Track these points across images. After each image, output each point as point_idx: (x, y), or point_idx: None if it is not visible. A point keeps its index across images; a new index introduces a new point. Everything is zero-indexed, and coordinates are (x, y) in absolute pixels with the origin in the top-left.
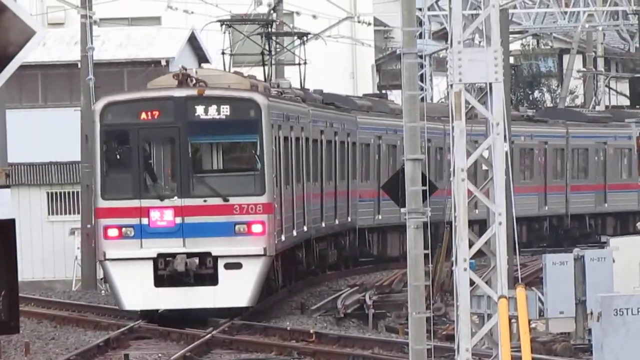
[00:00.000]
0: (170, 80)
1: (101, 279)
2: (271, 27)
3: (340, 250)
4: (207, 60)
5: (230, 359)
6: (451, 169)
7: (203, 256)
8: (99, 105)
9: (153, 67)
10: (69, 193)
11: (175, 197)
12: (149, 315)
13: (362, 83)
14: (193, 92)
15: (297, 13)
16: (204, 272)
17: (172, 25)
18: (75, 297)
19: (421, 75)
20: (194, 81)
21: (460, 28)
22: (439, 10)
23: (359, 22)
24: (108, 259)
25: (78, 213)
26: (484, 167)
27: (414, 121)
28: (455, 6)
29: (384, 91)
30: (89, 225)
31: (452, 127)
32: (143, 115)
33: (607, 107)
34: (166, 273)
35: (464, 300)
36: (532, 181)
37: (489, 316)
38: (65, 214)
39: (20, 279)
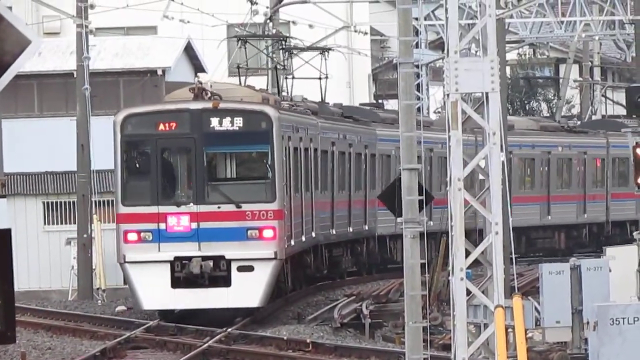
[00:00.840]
0: (186, 93)
1: (97, 288)
2: (286, 42)
3: (357, 257)
4: (203, 70)
5: None
6: (447, 179)
7: (217, 259)
8: (119, 117)
9: (149, 76)
10: (65, 203)
11: (191, 204)
12: (167, 315)
13: (359, 92)
14: (208, 104)
15: (294, 22)
16: (218, 274)
17: (168, 35)
18: (71, 307)
19: (417, 85)
20: (209, 94)
21: (457, 37)
22: (436, 20)
23: (355, 31)
24: (128, 262)
25: (74, 223)
26: (481, 177)
27: (410, 131)
28: (451, 16)
29: (380, 101)
30: (85, 235)
31: (449, 137)
32: (161, 127)
33: (603, 116)
34: (182, 275)
35: (460, 310)
36: (570, 190)
37: (486, 326)
38: (61, 223)
39: (16, 289)
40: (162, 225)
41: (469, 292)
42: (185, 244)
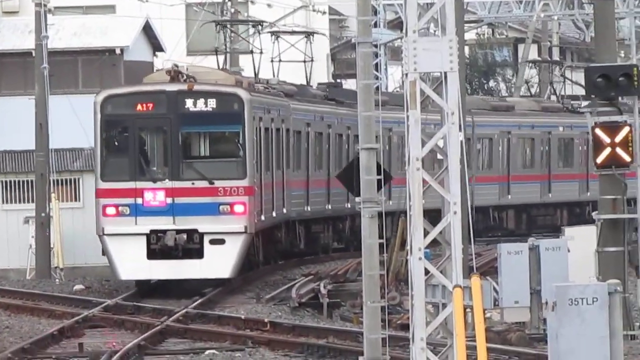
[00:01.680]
0: (163, 76)
1: (55, 267)
2: (262, 27)
3: (339, 234)
4: (161, 49)
5: (185, 348)
6: (405, 159)
7: (190, 233)
8: (99, 97)
9: (107, 55)
10: (23, 182)
11: (167, 180)
12: (143, 285)
13: (317, 72)
14: (183, 87)
15: (252, 2)
16: (191, 246)
17: (127, 14)
18: (29, 286)
19: (376, 65)
20: (185, 77)
21: (416, 17)
22: (394, 0)
23: (313, 10)
24: (106, 234)
25: (32, 202)
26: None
27: (369, 110)
28: None
29: (338, 80)
30: (43, 214)
31: (407, 117)
32: (139, 107)
33: (562, 96)
34: (158, 247)
35: (418, 290)
36: (572, 169)
37: (444, 305)
38: (20, 202)
39: None
40: (139, 200)
41: (427, 272)
42: (161, 218)
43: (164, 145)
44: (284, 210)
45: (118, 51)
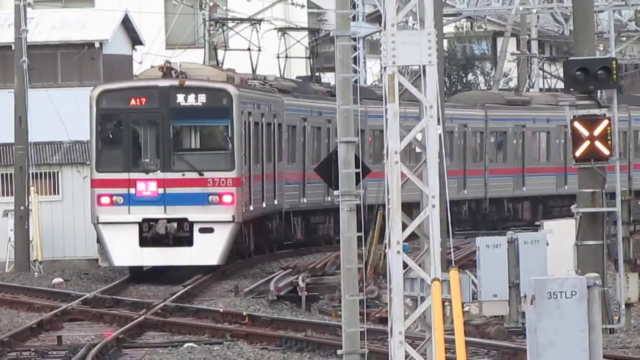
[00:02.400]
0: (156, 72)
1: (34, 260)
2: (260, 24)
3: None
4: (140, 43)
5: (163, 341)
6: (384, 152)
7: (181, 221)
8: (95, 92)
9: (87, 49)
10: (2, 175)
11: (159, 171)
12: (135, 272)
13: (296, 65)
14: (175, 82)
15: None
16: (181, 235)
17: (106, 8)
18: (8, 279)
19: (355, 58)
20: (177, 73)
21: (394, 10)
22: None
23: (292, 4)
24: (100, 223)
25: (11, 195)
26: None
27: (347, 104)
28: None
29: (317, 74)
30: (22, 207)
31: (385, 110)
32: (132, 102)
33: (541, 89)
34: (149, 235)
35: (397, 283)
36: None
37: (422, 299)
38: None
39: None
40: (132, 190)
41: (405, 265)
42: (153, 207)
43: (156, 138)
44: (275, 202)
45: (97, 45)
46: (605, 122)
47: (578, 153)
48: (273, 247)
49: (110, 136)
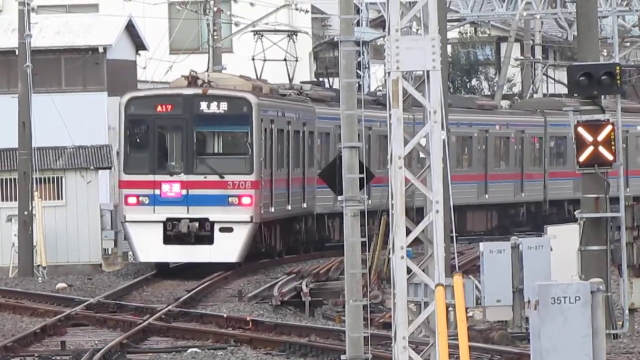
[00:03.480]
0: (183, 81)
1: (38, 265)
2: (296, 36)
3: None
4: (144, 47)
5: (167, 346)
6: (388, 157)
7: (202, 221)
8: (124, 99)
9: (90, 54)
10: (6, 180)
11: (182, 174)
12: (162, 268)
13: (300, 70)
14: (199, 91)
15: (235, 0)
16: (202, 233)
17: (110, 13)
18: (12, 284)
19: (359, 63)
20: (201, 82)
21: (398, 16)
22: None
23: (296, 9)
24: (127, 221)
25: (15, 200)
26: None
27: (352, 109)
28: None
29: (321, 79)
30: (26, 212)
31: (390, 115)
32: (159, 108)
33: (544, 95)
34: (173, 233)
35: (401, 288)
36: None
37: (426, 304)
38: (3, 200)
39: None
40: (157, 191)
41: (409, 271)
42: (176, 207)
43: (180, 143)
44: (304, 205)
45: (101, 50)
46: (609, 128)
47: (582, 158)
48: (309, 248)
49: (138, 140)
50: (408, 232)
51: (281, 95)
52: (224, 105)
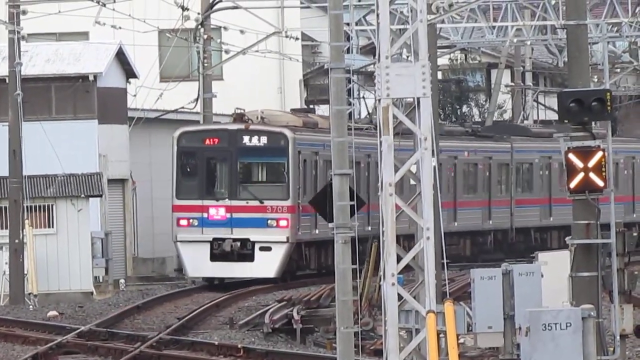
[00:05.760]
0: (229, 119)
1: (29, 293)
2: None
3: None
4: (134, 75)
5: None
6: (378, 184)
7: (244, 241)
8: (176, 134)
9: (81, 82)
10: None
11: (227, 199)
12: (210, 282)
13: (290, 98)
14: (242, 126)
15: (225, 28)
16: (244, 252)
17: (100, 41)
18: (2, 312)
19: (349, 90)
20: (246, 118)
21: (388, 43)
22: (367, 25)
23: (286, 37)
24: (179, 241)
25: (6, 228)
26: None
27: (342, 136)
28: (383, 21)
29: (311, 106)
30: (17, 240)
31: (380, 142)
32: (207, 141)
33: (535, 121)
34: (218, 252)
35: (392, 315)
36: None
37: (417, 331)
38: None
39: None
40: (205, 214)
41: (400, 298)
42: (222, 229)
43: (226, 172)
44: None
45: (91, 78)
46: (599, 154)
47: (572, 185)
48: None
49: (188, 169)
50: (399, 258)
51: (358, 129)
52: (263, 139)
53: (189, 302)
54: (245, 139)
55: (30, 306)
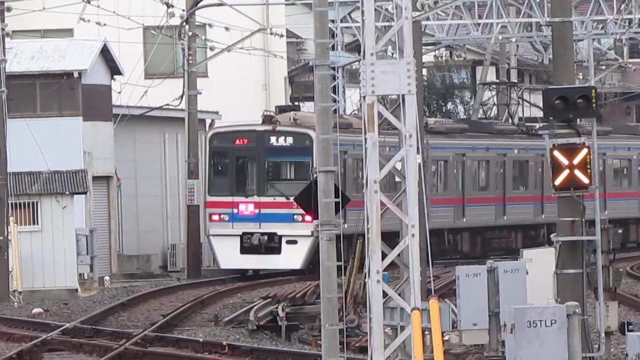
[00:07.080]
0: (259, 120)
1: (14, 290)
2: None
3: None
4: (119, 72)
5: None
6: (363, 181)
7: (272, 235)
8: (209, 134)
9: (65, 79)
10: None
11: (255, 196)
12: (241, 273)
13: (275, 95)
14: (269, 127)
15: (210, 25)
16: (272, 245)
17: (85, 38)
18: None
19: (334, 87)
20: (275, 120)
21: (373, 40)
22: (352, 22)
23: (271, 34)
24: (211, 235)
25: None
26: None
27: (327, 133)
28: (368, 18)
29: (296, 103)
30: (1, 237)
31: (365, 139)
32: (237, 142)
33: (520, 119)
34: (247, 245)
35: (377, 312)
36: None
37: (402, 328)
38: None
39: None
40: (235, 210)
41: (385, 295)
42: (250, 224)
43: (254, 170)
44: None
45: (76, 75)
46: (584, 151)
47: (557, 182)
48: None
49: (220, 168)
50: (384, 256)
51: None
52: (289, 140)
53: (173, 299)
54: (273, 139)
55: (15, 303)
